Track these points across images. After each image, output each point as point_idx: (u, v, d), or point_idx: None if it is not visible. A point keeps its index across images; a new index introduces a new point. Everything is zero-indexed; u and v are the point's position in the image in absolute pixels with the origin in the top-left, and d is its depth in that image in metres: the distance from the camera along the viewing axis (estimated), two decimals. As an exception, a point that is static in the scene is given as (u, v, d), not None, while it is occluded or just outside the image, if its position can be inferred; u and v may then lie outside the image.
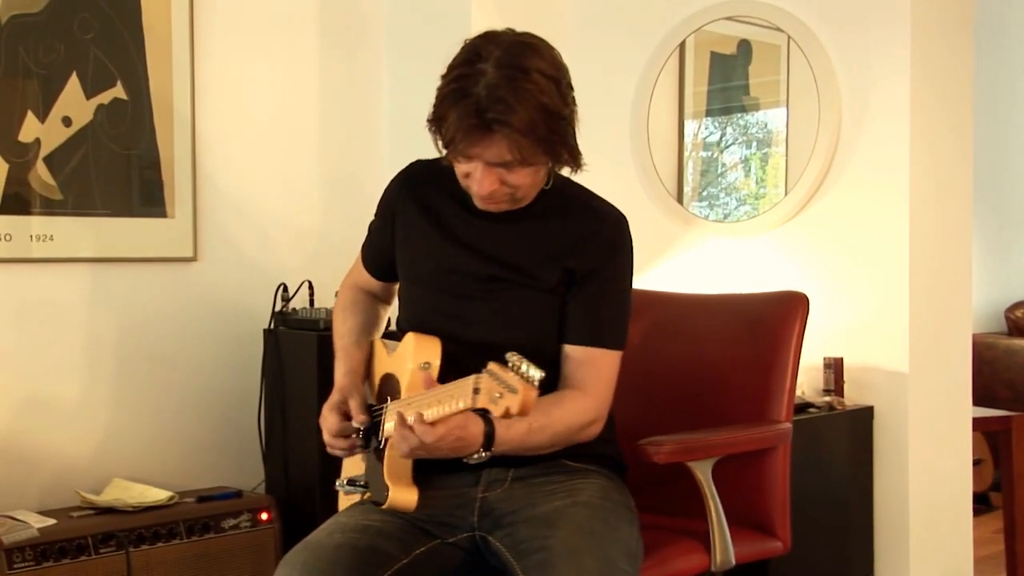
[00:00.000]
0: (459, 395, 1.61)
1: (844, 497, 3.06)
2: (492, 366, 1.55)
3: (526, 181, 1.83)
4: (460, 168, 1.83)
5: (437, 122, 1.79)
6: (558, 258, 1.90)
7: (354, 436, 1.92)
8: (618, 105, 3.59)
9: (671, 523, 2.11)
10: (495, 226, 1.92)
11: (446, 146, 1.79)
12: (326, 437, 1.94)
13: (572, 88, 1.83)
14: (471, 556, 1.89)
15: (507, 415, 1.53)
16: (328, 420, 1.92)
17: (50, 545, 2.57)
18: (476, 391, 1.56)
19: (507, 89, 1.71)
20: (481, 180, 1.80)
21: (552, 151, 1.80)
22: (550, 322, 1.91)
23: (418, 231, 1.98)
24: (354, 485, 1.95)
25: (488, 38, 1.79)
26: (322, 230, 3.49)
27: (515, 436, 1.77)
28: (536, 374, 1.52)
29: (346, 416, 1.92)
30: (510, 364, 1.53)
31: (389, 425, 1.80)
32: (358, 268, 2.17)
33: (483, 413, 1.72)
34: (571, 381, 1.89)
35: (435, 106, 1.79)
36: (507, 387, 1.52)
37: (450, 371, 1.76)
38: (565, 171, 1.90)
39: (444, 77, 1.79)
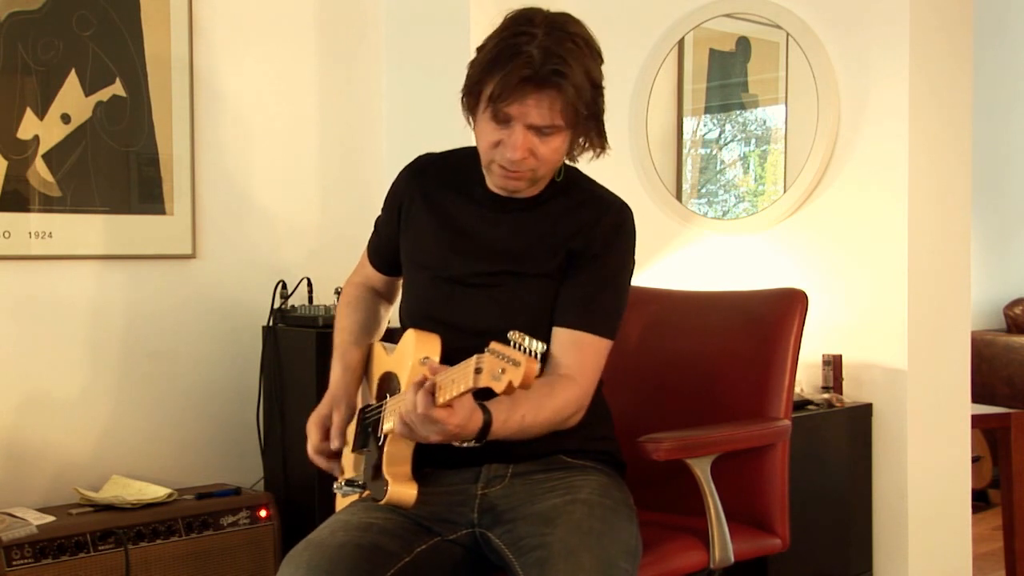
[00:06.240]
0: (460, 378, 1.60)
1: (843, 494, 3.06)
2: (494, 345, 1.55)
3: (554, 157, 1.84)
4: (491, 136, 1.82)
5: (477, 85, 1.79)
6: (561, 244, 1.91)
7: (335, 463, 1.94)
8: (617, 102, 3.55)
9: (670, 520, 2.11)
10: (500, 216, 1.93)
11: (490, 102, 1.77)
12: (309, 450, 1.96)
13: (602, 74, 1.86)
14: (472, 553, 1.90)
15: (510, 389, 1.52)
16: (312, 436, 1.94)
17: (49, 542, 2.57)
18: (478, 371, 1.55)
19: (561, 48, 1.75)
20: (516, 144, 1.79)
21: (585, 124, 1.82)
22: (550, 309, 1.91)
23: (424, 220, 1.98)
24: (353, 486, 1.95)
25: (533, 10, 1.82)
26: (321, 227, 3.49)
27: (510, 428, 1.77)
28: (539, 347, 1.52)
29: (328, 434, 1.93)
30: (512, 342, 1.53)
31: (388, 425, 1.80)
32: (363, 264, 2.18)
33: (482, 404, 1.73)
34: (559, 367, 1.88)
35: (474, 71, 1.80)
36: (510, 361, 1.51)
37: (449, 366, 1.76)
38: (587, 156, 1.91)
39: (482, 48, 1.80)
